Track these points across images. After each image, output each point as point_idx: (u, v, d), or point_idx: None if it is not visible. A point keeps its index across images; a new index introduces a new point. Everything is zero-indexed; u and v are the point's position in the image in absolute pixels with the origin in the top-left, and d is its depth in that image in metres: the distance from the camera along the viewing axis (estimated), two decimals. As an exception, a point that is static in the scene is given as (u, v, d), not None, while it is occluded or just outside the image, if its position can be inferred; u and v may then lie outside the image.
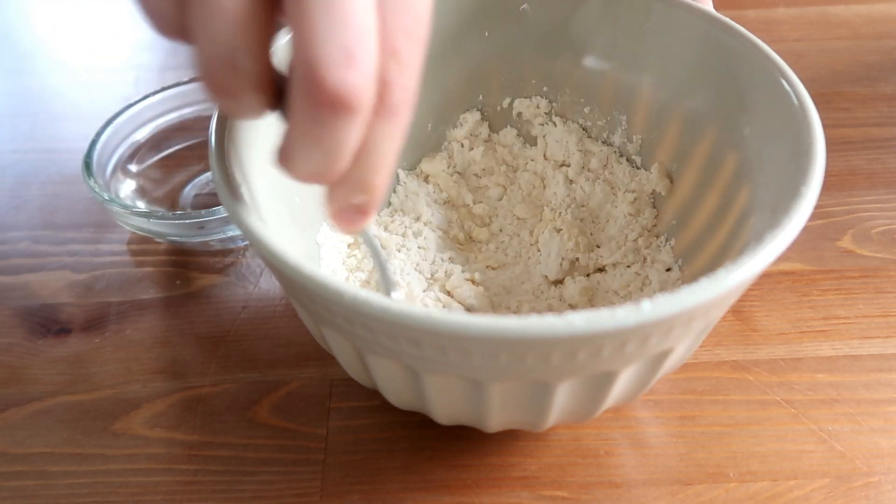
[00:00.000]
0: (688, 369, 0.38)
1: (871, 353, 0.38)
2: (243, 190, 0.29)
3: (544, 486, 0.34)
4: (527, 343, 0.23)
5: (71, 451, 0.36)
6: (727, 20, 0.35)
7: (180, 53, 0.60)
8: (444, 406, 0.30)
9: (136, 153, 0.48)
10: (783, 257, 0.27)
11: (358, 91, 0.19)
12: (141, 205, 0.46)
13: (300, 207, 0.37)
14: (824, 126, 0.30)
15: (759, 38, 0.34)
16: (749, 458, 0.34)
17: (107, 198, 0.42)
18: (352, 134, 0.20)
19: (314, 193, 0.37)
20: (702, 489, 0.33)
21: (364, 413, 0.36)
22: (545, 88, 0.42)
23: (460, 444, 0.35)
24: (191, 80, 0.49)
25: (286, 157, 0.21)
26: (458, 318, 0.23)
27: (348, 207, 0.23)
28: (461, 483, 0.34)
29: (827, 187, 0.46)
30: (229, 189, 0.28)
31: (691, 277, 0.36)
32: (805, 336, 0.39)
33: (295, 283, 0.25)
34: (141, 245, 0.45)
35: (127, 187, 0.46)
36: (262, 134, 0.33)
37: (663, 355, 0.27)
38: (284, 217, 0.34)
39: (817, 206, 0.45)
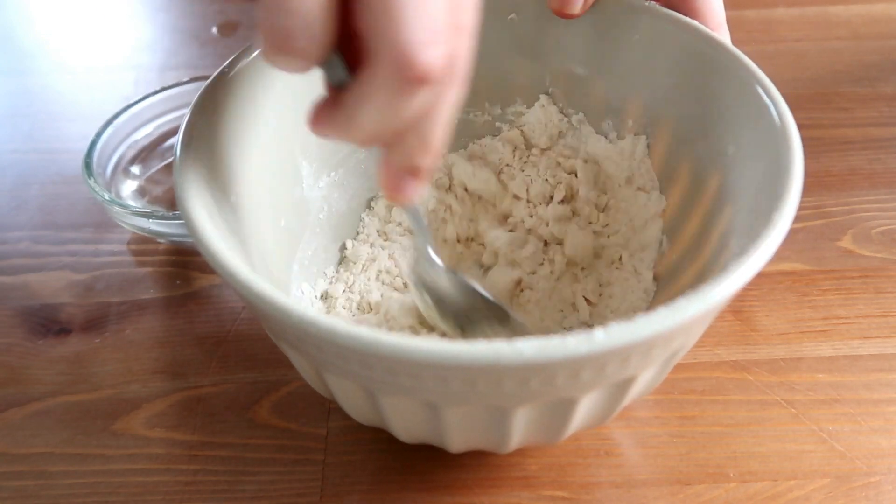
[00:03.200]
0: (688, 369, 0.38)
1: (871, 353, 0.38)
2: (210, 210, 0.29)
3: (544, 486, 0.34)
4: (475, 370, 0.23)
5: (71, 451, 0.36)
6: (716, 37, 0.34)
7: (180, 54, 0.60)
8: (404, 427, 0.30)
9: (137, 153, 0.48)
10: (783, 257, 0.27)
11: (442, 66, 0.21)
12: (141, 205, 0.46)
13: (284, 229, 0.36)
14: (824, 126, 0.30)
15: (759, 37, 0.34)
16: (749, 458, 0.34)
17: (107, 198, 0.42)
18: (425, 100, 0.22)
19: (297, 216, 0.38)
20: (702, 489, 0.33)
21: (364, 413, 0.36)
22: (521, 102, 0.42)
23: (460, 444, 0.35)
24: (191, 80, 0.49)
25: (342, 121, 0.23)
26: (404, 341, 0.23)
27: (403, 171, 0.25)
28: (461, 483, 0.34)
29: (827, 187, 0.47)
30: (192, 207, 0.28)
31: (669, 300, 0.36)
32: (805, 336, 0.39)
33: (245, 299, 0.25)
34: (141, 245, 0.45)
35: (127, 187, 0.47)
36: (246, 151, 0.34)
37: (626, 383, 0.27)
38: (262, 239, 0.34)
39: (817, 206, 0.45)
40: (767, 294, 0.41)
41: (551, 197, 0.41)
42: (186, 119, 0.31)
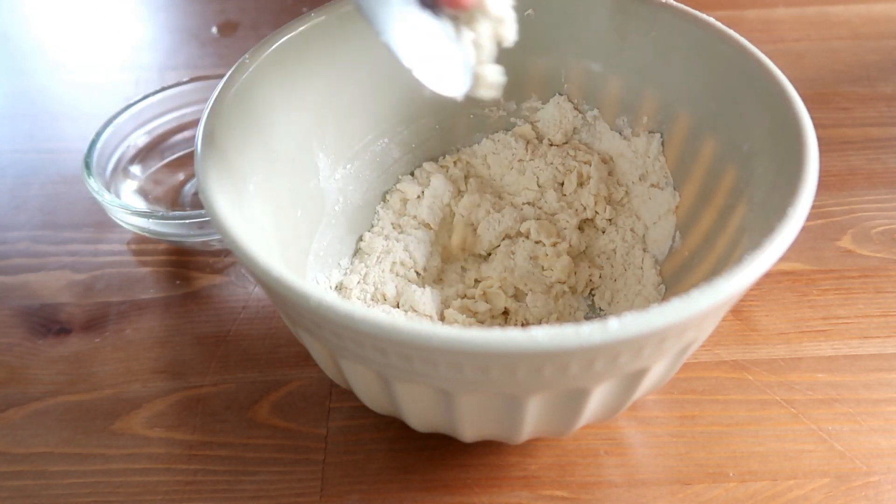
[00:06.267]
0: (688, 369, 0.38)
1: (871, 353, 0.38)
2: (230, 197, 0.29)
3: (544, 485, 0.34)
4: (490, 356, 0.23)
5: (71, 451, 0.36)
6: (733, 34, 0.34)
7: (180, 54, 0.60)
8: (417, 414, 0.30)
9: (136, 153, 0.48)
10: (783, 257, 0.26)
11: None
12: (141, 205, 0.46)
13: (300, 219, 0.37)
14: (824, 126, 0.30)
15: (759, 37, 0.34)
16: (749, 458, 0.34)
17: (107, 198, 0.42)
18: None
19: (313, 207, 0.38)
20: (702, 489, 0.34)
21: (364, 413, 0.36)
22: (537, 98, 0.42)
23: (460, 444, 0.35)
24: (191, 80, 0.49)
25: None
26: (420, 327, 0.23)
27: None
28: (461, 483, 0.34)
29: (827, 187, 0.46)
30: (212, 193, 0.28)
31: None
32: (805, 336, 0.39)
33: (265, 285, 0.26)
34: (141, 245, 0.45)
35: (127, 187, 0.46)
36: (251, 143, 0.34)
37: (639, 374, 0.27)
38: (276, 227, 0.35)
39: (817, 206, 0.45)
40: (767, 294, 0.41)
41: (561, 184, 0.41)
42: (207, 108, 0.32)
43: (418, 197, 0.42)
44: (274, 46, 0.35)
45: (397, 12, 0.28)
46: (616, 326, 0.23)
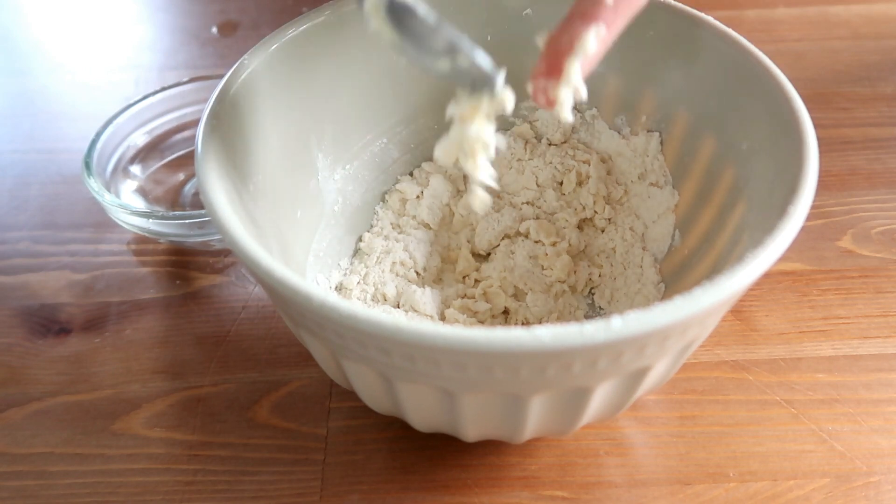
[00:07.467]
0: (688, 369, 0.38)
1: (871, 353, 0.38)
2: (230, 197, 0.29)
3: (544, 486, 0.34)
4: (493, 356, 0.23)
5: (71, 451, 0.36)
6: (730, 32, 0.34)
7: (180, 54, 0.60)
8: (420, 414, 0.30)
9: (136, 153, 0.48)
10: (783, 257, 0.27)
11: None
12: (141, 205, 0.46)
13: (300, 220, 0.37)
14: (824, 126, 0.30)
15: (758, 37, 0.34)
16: (749, 458, 0.34)
17: (107, 198, 0.42)
18: None
19: (312, 208, 0.38)
20: (702, 489, 0.34)
21: (364, 413, 0.36)
22: None
23: (461, 443, 0.35)
24: (191, 80, 0.49)
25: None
26: (423, 327, 0.23)
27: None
28: (461, 483, 0.34)
29: (827, 187, 0.47)
30: (213, 193, 0.28)
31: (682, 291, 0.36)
32: (805, 336, 0.39)
33: (267, 286, 0.26)
34: (141, 245, 0.45)
35: (127, 187, 0.46)
36: (253, 144, 0.34)
37: (641, 373, 0.27)
38: (277, 228, 0.35)
39: (817, 206, 0.45)
40: (767, 294, 0.41)
41: (560, 183, 0.41)
42: (207, 108, 0.32)
43: (417, 197, 0.42)
44: (274, 47, 0.35)
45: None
46: (619, 325, 0.23)
